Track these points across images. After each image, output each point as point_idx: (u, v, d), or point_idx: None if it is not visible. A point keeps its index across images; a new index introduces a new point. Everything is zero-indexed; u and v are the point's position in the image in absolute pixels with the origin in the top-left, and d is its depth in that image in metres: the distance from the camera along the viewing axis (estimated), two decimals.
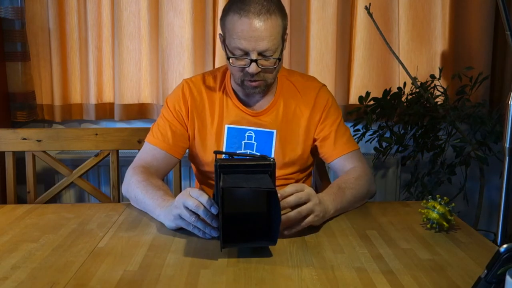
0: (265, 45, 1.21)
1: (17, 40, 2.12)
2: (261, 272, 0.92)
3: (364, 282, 0.88)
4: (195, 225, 1.05)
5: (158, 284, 0.88)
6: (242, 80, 1.29)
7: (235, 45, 1.23)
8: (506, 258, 0.70)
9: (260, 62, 1.24)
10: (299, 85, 1.41)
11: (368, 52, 2.21)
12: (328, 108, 1.40)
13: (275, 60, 1.26)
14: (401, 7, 2.17)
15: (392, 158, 2.26)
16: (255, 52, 1.22)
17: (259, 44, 1.21)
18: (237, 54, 1.24)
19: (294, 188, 1.06)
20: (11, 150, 1.61)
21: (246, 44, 1.21)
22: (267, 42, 1.21)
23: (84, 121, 2.28)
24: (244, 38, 1.21)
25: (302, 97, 1.40)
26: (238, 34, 1.21)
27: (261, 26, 1.20)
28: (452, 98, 2.10)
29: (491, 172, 2.21)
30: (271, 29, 1.22)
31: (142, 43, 2.19)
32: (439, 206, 1.11)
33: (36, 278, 0.90)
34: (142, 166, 1.33)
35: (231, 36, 1.24)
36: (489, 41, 2.17)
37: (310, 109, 1.39)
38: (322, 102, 1.39)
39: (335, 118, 1.40)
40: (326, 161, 1.41)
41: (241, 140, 1.37)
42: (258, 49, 1.22)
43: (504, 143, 1.05)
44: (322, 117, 1.39)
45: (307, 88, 1.41)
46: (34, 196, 1.64)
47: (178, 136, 1.38)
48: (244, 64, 1.25)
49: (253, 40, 1.21)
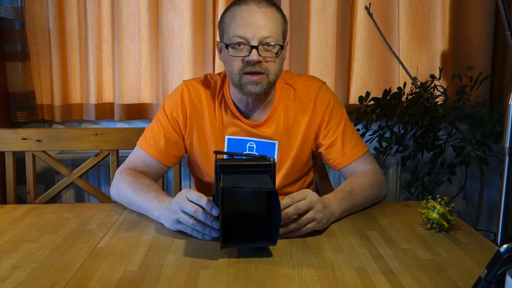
0: (266, 32, 1.19)
1: (17, 40, 2.12)
2: (261, 272, 0.92)
3: (364, 282, 0.88)
4: (193, 228, 1.05)
5: (158, 284, 0.88)
6: (240, 77, 1.22)
7: (234, 34, 1.20)
8: (506, 258, 0.70)
9: (261, 52, 1.19)
10: (298, 87, 1.36)
11: (368, 52, 2.21)
12: (330, 110, 1.34)
13: (276, 49, 1.21)
14: (401, 7, 2.17)
15: (392, 158, 2.26)
16: (256, 39, 1.18)
17: (260, 31, 1.18)
18: (236, 41, 1.19)
19: (290, 200, 1.04)
20: (11, 150, 1.61)
21: (246, 31, 1.18)
22: (268, 29, 1.19)
23: (84, 121, 2.28)
24: (244, 25, 1.18)
25: (301, 99, 1.35)
26: (238, 22, 1.19)
27: (261, 14, 1.19)
28: (452, 98, 2.10)
29: (491, 172, 2.21)
30: (271, 18, 1.20)
31: (142, 43, 2.19)
32: (439, 206, 1.10)
33: (36, 278, 0.90)
34: (129, 169, 1.32)
35: (229, 27, 1.21)
36: (489, 41, 2.17)
37: (310, 112, 1.34)
38: (323, 104, 1.34)
39: (339, 120, 1.34)
40: (335, 168, 1.35)
41: (243, 151, 1.34)
42: (258, 36, 1.18)
43: (504, 143, 1.05)
44: (324, 121, 1.33)
45: (306, 90, 1.35)
46: (34, 196, 1.64)
47: (172, 144, 1.34)
48: (244, 53, 1.20)
49: (254, 26, 1.18)
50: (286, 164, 1.35)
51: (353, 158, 1.32)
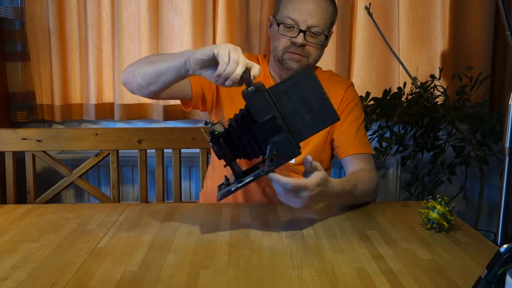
0: (316, 21, 1.30)
1: (17, 40, 2.12)
2: (261, 272, 0.92)
3: (364, 282, 0.88)
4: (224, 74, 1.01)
5: (158, 284, 0.88)
6: (283, 54, 1.32)
7: (287, 15, 1.31)
8: (506, 258, 0.70)
9: (307, 37, 1.31)
10: (331, 79, 1.45)
11: (368, 52, 2.21)
12: (354, 105, 1.43)
13: (321, 38, 1.33)
14: (401, 7, 2.17)
15: (392, 158, 2.25)
16: (305, 25, 1.30)
17: (311, 18, 1.30)
18: (288, 23, 1.31)
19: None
20: (11, 150, 1.61)
21: (299, 15, 1.30)
22: (318, 18, 1.30)
23: (84, 121, 2.28)
24: (299, 10, 1.30)
25: (332, 89, 1.41)
26: (294, 5, 1.31)
27: (315, 3, 1.31)
28: (452, 98, 2.10)
29: (491, 172, 2.21)
30: (324, 9, 1.32)
31: (142, 43, 2.19)
32: (439, 206, 1.11)
33: (36, 278, 0.90)
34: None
35: (285, 7, 1.32)
36: (489, 41, 2.17)
37: (339, 101, 1.41)
38: (350, 97, 1.43)
39: (358, 117, 1.43)
40: (339, 156, 1.41)
41: None
42: (308, 23, 1.30)
43: (504, 143, 1.05)
44: (346, 110, 1.41)
45: (338, 82, 1.45)
46: (34, 196, 1.64)
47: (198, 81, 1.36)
48: (292, 34, 1.31)
49: (306, 12, 1.30)
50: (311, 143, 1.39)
51: (359, 151, 1.37)
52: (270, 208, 1.28)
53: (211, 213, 1.25)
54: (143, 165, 1.68)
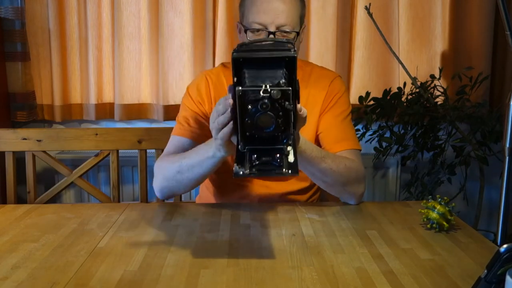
0: (284, 19, 1.24)
1: (17, 40, 2.12)
2: (261, 272, 0.92)
3: (364, 282, 0.88)
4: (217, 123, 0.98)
5: (158, 284, 0.88)
6: None
7: (253, 20, 1.25)
8: (506, 258, 0.70)
9: (278, 37, 1.25)
10: (314, 73, 1.39)
11: (368, 52, 2.21)
12: (338, 98, 1.36)
13: (293, 35, 1.26)
14: (401, 7, 2.17)
15: (392, 158, 2.26)
16: (273, 25, 1.24)
17: (278, 17, 1.23)
18: (255, 28, 1.25)
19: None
20: (11, 150, 1.60)
21: (265, 18, 1.24)
22: (285, 16, 1.24)
23: (84, 121, 2.28)
24: (264, 11, 1.24)
25: (315, 84, 1.36)
26: (258, 8, 1.25)
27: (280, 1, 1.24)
28: (452, 98, 2.10)
29: (491, 172, 2.21)
30: (289, 5, 1.25)
31: (142, 43, 2.19)
32: (439, 206, 1.11)
33: (36, 278, 0.90)
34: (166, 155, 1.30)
35: (249, 11, 1.26)
36: (489, 41, 2.17)
37: (323, 96, 1.36)
38: (334, 90, 1.36)
39: (344, 110, 1.35)
40: None
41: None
42: (276, 23, 1.24)
43: (504, 143, 1.05)
44: (330, 104, 1.35)
45: (322, 76, 1.39)
46: (34, 196, 1.64)
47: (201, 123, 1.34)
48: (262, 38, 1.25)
49: (272, 13, 1.23)
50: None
51: (344, 147, 1.30)
52: (270, 208, 1.28)
53: (211, 213, 1.25)
54: (143, 165, 1.68)
